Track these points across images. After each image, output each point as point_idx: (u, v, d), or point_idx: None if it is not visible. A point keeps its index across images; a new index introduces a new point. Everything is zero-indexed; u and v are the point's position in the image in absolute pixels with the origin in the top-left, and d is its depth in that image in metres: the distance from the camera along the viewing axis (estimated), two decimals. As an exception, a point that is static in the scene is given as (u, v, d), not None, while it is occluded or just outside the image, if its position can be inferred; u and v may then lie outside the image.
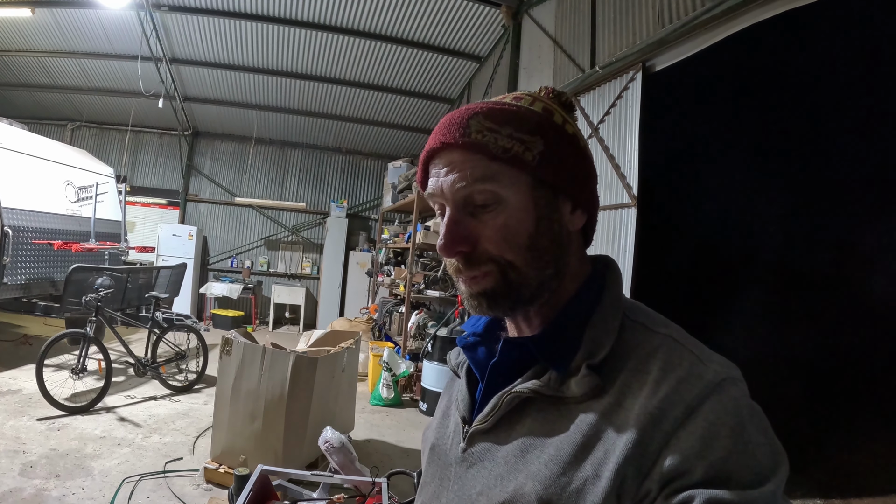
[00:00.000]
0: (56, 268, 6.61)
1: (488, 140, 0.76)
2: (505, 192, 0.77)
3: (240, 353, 4.15)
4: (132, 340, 6.52)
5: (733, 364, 0.71)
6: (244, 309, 11.95)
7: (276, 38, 8.49)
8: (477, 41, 8.23)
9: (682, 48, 4.13)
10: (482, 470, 0.81)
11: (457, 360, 1.01)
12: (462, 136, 0.77)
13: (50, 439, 4.49)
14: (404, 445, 5.37)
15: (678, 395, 0.66)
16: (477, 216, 0.78)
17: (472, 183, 0.76)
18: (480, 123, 0.77)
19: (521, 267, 0.77)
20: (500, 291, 0.78)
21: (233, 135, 12.35)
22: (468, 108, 0.80)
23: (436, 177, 0.81)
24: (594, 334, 0.77)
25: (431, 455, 0.97)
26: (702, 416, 0.64)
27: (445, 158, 0.80)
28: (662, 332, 0.76)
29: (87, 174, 7.58)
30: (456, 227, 0.78)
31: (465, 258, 0.79)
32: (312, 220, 12.86)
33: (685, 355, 0.71)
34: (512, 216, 0.77)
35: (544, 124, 0.80)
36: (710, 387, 0.66)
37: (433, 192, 0.81)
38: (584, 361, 0.74)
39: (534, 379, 0.78)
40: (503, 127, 0.77)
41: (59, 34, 8.70)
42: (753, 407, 0.67)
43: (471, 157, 0.77)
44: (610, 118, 4.95)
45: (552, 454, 0.72)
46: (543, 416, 0.77)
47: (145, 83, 8.62)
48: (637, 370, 0.72)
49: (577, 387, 0.73)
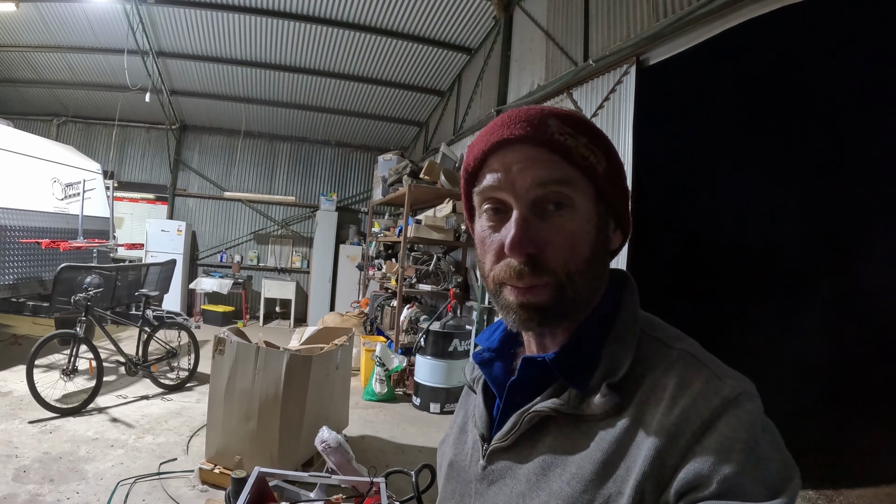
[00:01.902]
0: (44, 267, 6.54)
1: (570, 144, 0.74)
2: (578, 198, 0.76)
3: (233, 353, 4.12)
4: (122, 339, 6.48)
5: (748, 379, 0.72)
6: (234, 304, 11.89)
7: (264, 30, 8.42)
8: (467, 33, 8.20)
9: (678, 42, 4.12)
10: (504, 487, 0.81)
11: (472, 375, 1.00)
12: (544, 133, 0.74)
13: (42, 442, 4.45)
14: (399, 441, 5.37)
15: (695, 411, 0.67)
16: (546, 219, 0.75)
17: (552, 184, 0.74)
18: (560, 126, 0.75)
19: (580, 281, 0.76)
20: (554, 307, 0.76)
21: (221, 128, 12.25)
22: (539, 107, 0.78)
23: (503, 171, 0.77)
24: (613, 351, 0.77)
25: (450, 471, 0.96)
26: (717, 431, 0.65)
27: (520, 153, 0.76)
28: (678, 347, 0.76)
29: (74, 171, 7.48)
30: (527, 226, 0.74)
31: (532, 263, 0.74)
32: (302, 213, 12.80)
33: (701, 371, 0.72)
34: (582, 225, 0.76)
35: (607, 143, 0.80)
36: (726, 402, 0.67)
37: (498, 185, 0.77)
38: (603, 380, 0.74)
39: (553, 397, 0.78)
40: (580, 136, 0.76)
41: (43, 28, 8.59)
42: (767, 422, 0.68)
43: (552, 157, 0.75)
44: (603, 112, 4.94)
45: (574, 472, 0.72)
46: (564, 434, 0.77)
47: (132, 77, 8.55)
48: (654, 385, 0.72)
49: (597, 406, 0.73)
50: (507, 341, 0.93)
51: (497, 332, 0.95)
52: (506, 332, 0.94)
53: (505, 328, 0.94)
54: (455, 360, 6.40)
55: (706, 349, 0.76)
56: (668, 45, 4.24)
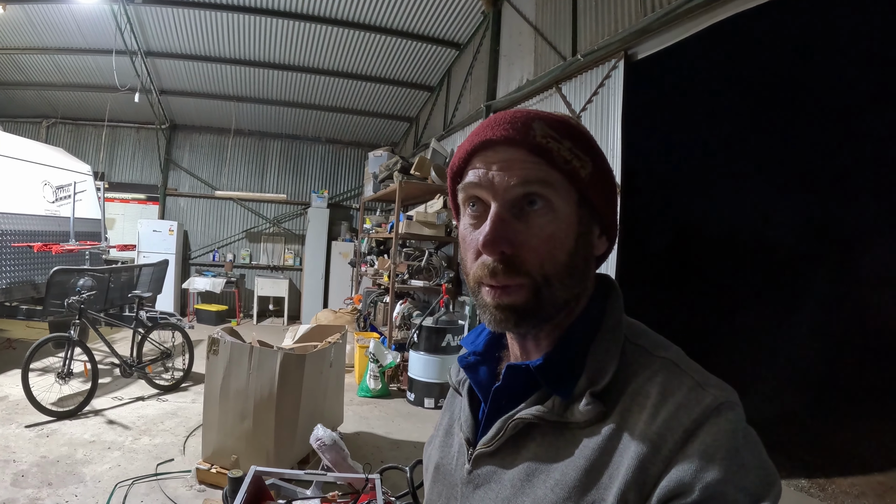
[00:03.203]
0: (37, 270, 6.51)
1: (553, 147, 0.75)
2: (558, 202, 0.76)
3: (227, 353, 4.12)
4: (116, 340, 6.47)
5: (731, 387, 0.72)
6: (228, 303, 11.87)
7: (252, 28, 8.40)
8: (456, 28, 8.20)
9: (665, 36, 4.15)
10: (489, 492, 0.82)
11: (457, 378, 1.01)
12: (526, 135, 0.75)
13: (40, 446, 4.44)
14: (394, 437, 5.39)
15: (677, 421, 0.67)
16: (524, 220, 0.76)
17: (530, 184, 0.75)
18: (544, 129, 0.76)
19: (556, 283, 0.76)
20: (530, 308, 0.76)
21: (211, 127, 12.20)
22: (526, 110, 0.79)
23: (484, 169, 0.78)
24: (596, 359, 0.77)
25: (436, 474, 0.97)
26: (699, 440, 0.65)
27: (502, 153, 0.77)
28: (662, 355, 0.76)
29: (65, 173, 7.43)
30: (503, 224, 0.75)
31: (506, 261, 0.75)
32: (294, 210, 12.78)
33: (684, 380, 0.72)
34: (560, 228, 0.76)
35: (595, 147, 0.80)
36: (708, 411, 0.67)
37: (478, 182, 0.78)
38: (587, 388, 0.75)
39: (538, 404, 0.78)
40: (564, 139, 0.76)
41: (31, 30, 8.53)
42: (749, 431, 0.68)
43: (533, 159, 0.75)
44: (592, 106, 4.96)
45: (557, 479, 0.73)
46: (548, 442, 0.77)
47: (121, 77, 8.51)
48: (637, 394, 0.73)
49: (581, 414, 0.74)
50: (492, 345, 0.94)
51: (482, 335, 0.95)
52: (491, 335, 0.94)
53: (490, 331, 0.94)
54: (448, 356, 6.41)
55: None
56: (655, 39, 4.27)
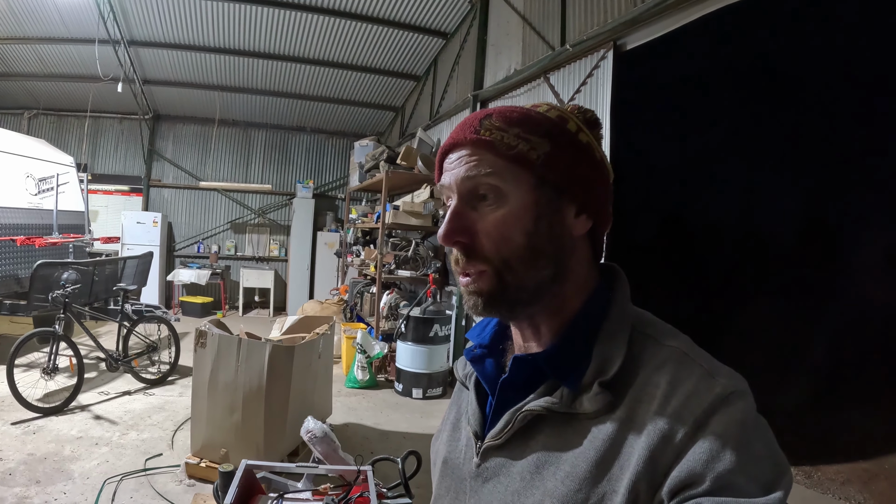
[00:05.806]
0: (20, 264, 6.41)
1: (495, 137, 0.79)
2: (506, 187, 0.78)
3: (215, 346, 4.09)
4: (101, 334, 6.41)
5: (741, 376, 0.72)
6: (213, 295, 11.82)
7: (237, 16, 8.30)
8: (443, 17, 8.15)
9: (655, 27, 4.14)
10: (498, 485, 0.82)
11: (464, 372, 1.01)
12: (472, 133, 0.80)
13: (26, 444, 4.40)
14: (383, 428, 5.40)
15: (687, 410, 0.67)
16: (478, 210, 0.80)
17: (476, 176, 0.79)
18: (491, 123, 0.80)
19: (516, 266, 0.78)
20: (496, 293, 0.80)
21: (195, 117, 12.05)
22: (485, 110, 0.84)
23: (447, 170, 0.84)
24: (604, 349, 0.77)
25: (444, 468, 0.97)
26: (710, 430, 0.65)
27: (456, 153, 0.83)
28: (671, 344, 0.76)
29: (47, 165, 7.32)
30: (457, 217, 0.81)
31: (465, 250, 0.80)
32: (279, 201, 12.71)
33: (694, 369, 0.72)
34: (511, 212, 0.78)
35: (554, 129, 0.81)
36: (718, 400, 0.67)
37: (443, 183, 0.84)
38: (595, 378, 0.75)
39: (546, 396, 0.79)
40: (511, 127, 0.79)
41: (12, 20, 8.36)
42: (759, 420, 0.69)
43: (478, 153, 0.80)
44: (580, 96, 4.95)
45: (568, 471, 0.73)
46: (557, 433, 0.77)
47: (103, 67, 8.36)
48: (646, 384, 0.73)
49: (590, 404, 0.74)
50: (498, 337, 0.94)
51: (488, 328, 0.96)
52: (496, 327, 0.95)
53: (495, 323, 0.96)
54: (436, 346, 6.43)
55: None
56: (645, 29, 4.26)
